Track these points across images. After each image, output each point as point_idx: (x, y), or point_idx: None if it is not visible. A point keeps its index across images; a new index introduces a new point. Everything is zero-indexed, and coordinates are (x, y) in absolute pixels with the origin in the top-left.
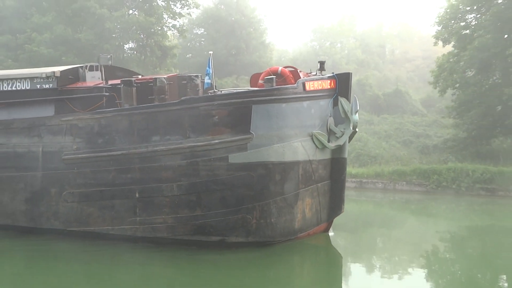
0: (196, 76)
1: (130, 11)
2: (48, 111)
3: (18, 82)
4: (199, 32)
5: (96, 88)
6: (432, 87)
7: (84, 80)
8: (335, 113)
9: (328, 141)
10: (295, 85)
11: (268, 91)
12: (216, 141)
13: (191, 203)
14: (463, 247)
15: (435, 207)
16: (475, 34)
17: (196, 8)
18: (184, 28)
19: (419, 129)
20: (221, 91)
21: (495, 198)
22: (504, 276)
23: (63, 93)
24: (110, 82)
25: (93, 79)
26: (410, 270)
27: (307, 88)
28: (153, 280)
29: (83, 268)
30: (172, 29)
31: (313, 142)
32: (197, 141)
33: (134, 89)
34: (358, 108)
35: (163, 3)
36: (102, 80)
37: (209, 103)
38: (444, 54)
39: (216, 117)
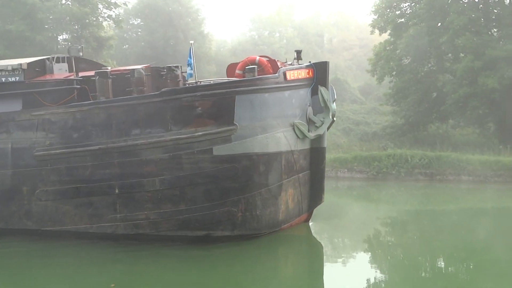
0: (176, 66)
1: (64, 1)
2: (15, 106)
3: None
4: (135, 23)
5: (66, 81)
6: (370, 75)
7: (52, 72)
8: (313, 102)
9: (308, 131)
10: (276, 74)
11: (251, 81)
12: (200, 133)
13: (174, 198)
14: (404, 231)
15: (376, 193)
16: (410, 23)
17: None
18: (120, 18)
19: (358, 117)
20: (200, 82)
21: (434, 182)
22: (441, 257)
23: (31, 86)
24: (80, 74)
25: (60, 71)
26: (354, 254)
27: (288, 77)
28: (136, 279)
29: (59, 271)
30: (108, 19)
31: (294, 132)
32: (179, 133)
33: (109, 81)
34: (335, 97)
35: None
36: (69, 72)
37: (192, 95)
38: (380, 43)
39: (199, 108)
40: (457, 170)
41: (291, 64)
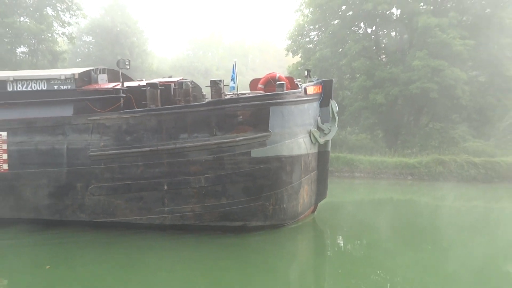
0: (220, 80)
1: (22, 18)
2: (67, 111)
3: (34, 83)
4: (87, 40)
5: (114, 90)
6: None
7: (96, 82)
8: (321, 113)
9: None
10: (300, 90)
11: (282, 94)
12: (240, 138)
13: (217, 193)
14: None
15: None
16: (317, 48)
17: (84, 18)
18: (73, 35)
19: None
20: (241, 94)
21: (332, 178)
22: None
23: (82, 94)
24: (126, 84)
25: (102, 81)
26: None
27: (307, 92)
28: (182, 264)
29: (113, 257)
30: (62, 36)
31: (310, 138)
32: (223, 138)
33: (158, 91)
34: (337, 109)
35: (53, 13)
36: (108, 82)
37: (234, 105)
38: (293, 63)
39: (240, 117)
40: (352, 168)
41: (299, 81)
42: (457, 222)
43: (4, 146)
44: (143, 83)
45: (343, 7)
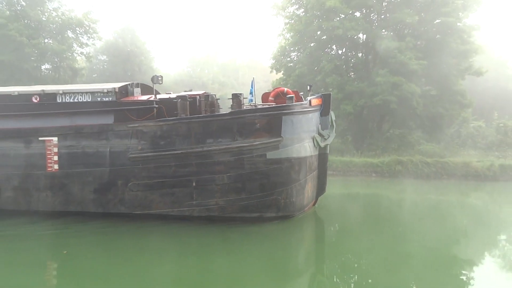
0: (240, 94)
1: (46, 40)
2: (108, 119)
3: (80, 95)
4: (102, 58)
5: (149, 102)
6: None
7: (132, 94)
8: (321, 121)
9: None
10: (306, 102)
11: (292, 106)
12: (257, 142)
13: (237, 189)
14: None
15: None
16: (296, 66)
17: (99, 40)
18: (90, 54)
19: None
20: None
21: None
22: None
23: (122, 104)
24: (158, 97)
25: (137, 93)
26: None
27: (312, 104)
28: (208, 248)
29: (147, 244)
30: (80, 55)
31: (313, 142)
32: (243, 142)
33: (187, 102)
34: (335, 118)
35: (73, 35)
36: (141, 94)
37: (253, 114)
38: (277, 79)
39: (258, 124)
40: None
41: (302, 95)
42: (414, 211)
43: (55, 149)
44: (172, 95)
45: (318, 32)
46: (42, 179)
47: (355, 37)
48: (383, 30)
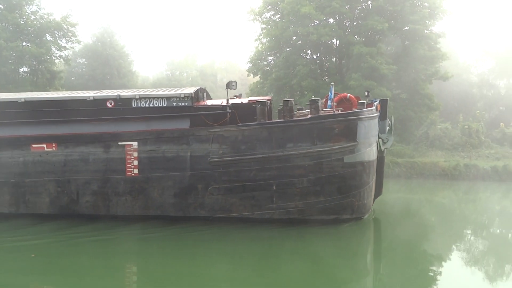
0: (318, 99)
1: (24, 43)
2: (184, 124)
3: (156, 100)
4: (81, 61)
5: (223, 107)
6: None
7: (203, 99)
8: (380, 126)
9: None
10: (374, 107)
11: (366, 111)
12: (336, 146)
13: (316, 192)
14: None
15: None
16: (273, 70)
17: (78, 43)
18: (68, 58)
19: None
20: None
21: None
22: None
23: (197, 109)
24: (231, 102)
25: (204, 99)
26: None
27: (377, 109)
28: (287, 250)
29: (226, 248)
30: (59, 58)
31: (377, 146)
32: (322, 146)
33: (267, 108)
34: (393, 122)
35: (52, 39)
36: (206, 99)
37: (331, 120)
38: (254, 82)
39: (336, 129)
40: None
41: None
42: (385, 210)
43: (135, 154)
44: (237, 100)
45: (294, 37)
46: (121, 183)
47: (329, 42)
48: (356, 36)
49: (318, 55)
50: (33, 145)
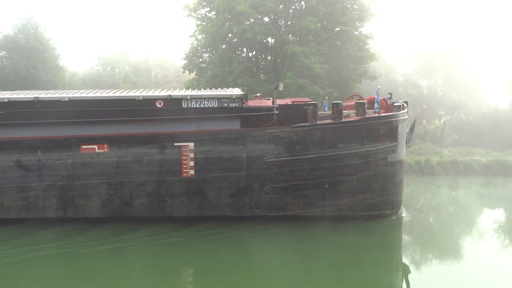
0: (364, 102)
1: None
2: (235, 125)
3: (206, 101)
4: (1, 54)
5: (272, 108)
6: None
7: (246, 100)
8: None
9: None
10: (406, 110)
11: (402, 114)
12: (381, 146)
13: (364, 190)
14: None
15: None
16: (209, 67)
17: None
18: None
19: None
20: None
21: None
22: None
23: (248, 110)
24: (278, 102)
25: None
26: None
27: (407, 111)
28: (337, 244)
29: (282, 245)
30: None
31: (405, 145)
32: (369, 146)
33: (316, 109)
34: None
35: None
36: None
37: (378, 121)
38: (189, 79)
39: (382, 130)
40: None
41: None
42: None
43: (192, 155)
44: (282, 101)
45: (230, 35)
46: (177, 184)
47: (264, 40)
48: (290, 36)
49: (254, 53)
50: (83, 146)
